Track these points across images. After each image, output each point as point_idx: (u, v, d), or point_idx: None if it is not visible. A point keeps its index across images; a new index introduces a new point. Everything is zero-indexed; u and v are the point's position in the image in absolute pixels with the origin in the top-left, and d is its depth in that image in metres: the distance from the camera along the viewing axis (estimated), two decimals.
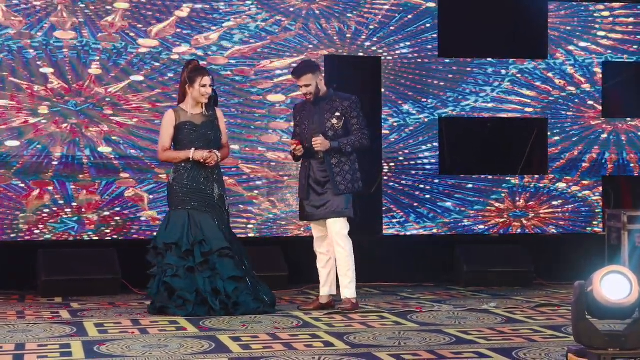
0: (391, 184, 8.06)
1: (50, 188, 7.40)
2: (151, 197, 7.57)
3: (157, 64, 7.56)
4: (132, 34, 7.52)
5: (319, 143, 6.11)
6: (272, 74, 7.78)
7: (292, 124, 7.63)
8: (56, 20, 7.39)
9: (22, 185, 7.36)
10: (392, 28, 8.00)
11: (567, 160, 8.37)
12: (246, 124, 7.76)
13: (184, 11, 7.62)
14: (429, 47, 8.08)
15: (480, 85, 8.20)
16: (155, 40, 7.55)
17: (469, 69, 8.19)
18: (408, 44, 8.04)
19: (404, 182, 8.09)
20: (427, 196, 8.13)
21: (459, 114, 8.17)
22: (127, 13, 7.51)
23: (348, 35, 7.92)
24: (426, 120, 8.10)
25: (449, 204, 8.16)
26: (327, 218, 6.16)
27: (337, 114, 6.17)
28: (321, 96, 6.21)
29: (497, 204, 8.25)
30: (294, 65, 7.02)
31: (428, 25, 8.08)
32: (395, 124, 8.05)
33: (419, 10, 8.06)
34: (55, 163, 7.40)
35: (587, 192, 8.38)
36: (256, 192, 7.77)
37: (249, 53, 7.74)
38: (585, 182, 8.39)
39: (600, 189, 8.39)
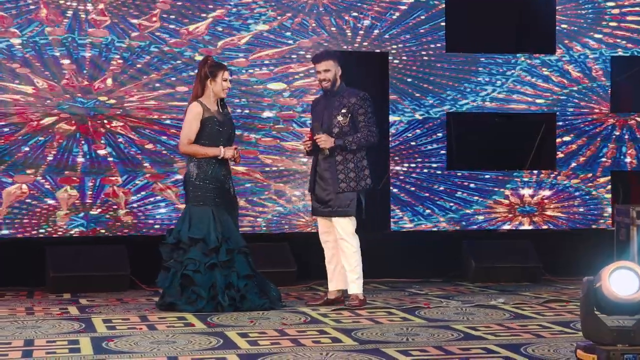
0: (399, 179, 8.05)
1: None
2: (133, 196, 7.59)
3: (176, 63, 7.56)
4: (163, 35, 7.52)
5: (323, 140, 6.10)
6: (283, 74, 7.78)
7: (301, 129, 7.65)
8: (91, 18, 7.39)
9: (38, 182, 7.37)
10: (399, 23, 7.99)
11: (576, 155, 8.35)
12: (254, 120, 7.76)
13: (217, 12, 7.62)
14: (437, 42, 8.07)
15: (488, 81, 8.18)
16: (185, 40, 7.56)
17: (476, 64, 8.17)
18: (414, 37, 8.02)
19: (411, 177, 8.08)
20: (435, 192, 8.12)
21: (467, 108, 8.15)
22: (164, 14, 7.52)
23: (347, 31, 7.91)
24: (434, 115, 8.09)
25: (456, 200, 8.15)
26: (330, 216, 6.16)
27: (343, 110, 6.14)
28: (335, 90, 6.20)
29: (505, 200, 8.24)
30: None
31: (435, 20, 8.06)
32: (403, 120, 8.04)
33: (426, 5, 8.04)
34: (80, 160, 7.41)
35: (595, 187, 8.36)
36: (264, 189, 7.78)
37: (260, 57, 7.74)
38: (594, 177, 8.36)
39: (609, 183, 8.37)
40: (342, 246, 6.15)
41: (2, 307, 6.19)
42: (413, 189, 8.08)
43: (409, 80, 8.05)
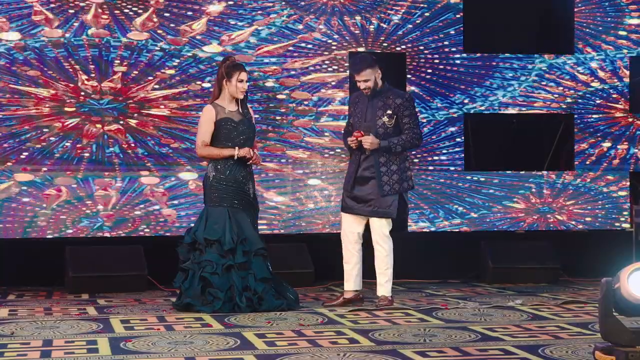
0: (417, 180, 8.04)
1: (74, 185, 7.45)
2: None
3: (179, 61, 7.59)
4: (161, 32, 7.56)
5: (369, 142, 6.08)
6: (297, 72, 7.79)
7: (315, 122, 7.63)
8: (87, 18, 7.43)
9: (47, 183, 7.41)
10: (416, 23, 7.98)
11: (594, 156, 8.31)
12: (271, 121, 7.77)
13: (214, 9, 7.64)
14: (454, 42, 8.05)
15: (506, 81, 8.16)
16: (185, 39, 7.59)
17: (494, 64, 8.15)
18: (433, 38, 8.01)
19: (429, 178, 8.06)
20: (453, 192, 8.10)
21: (485, 109, 8.13)
22: (160, 12, 7.55)
23: (364, 32, 7.91)
24: (451, 116, 8.08)
25: (474, 200, 8.13)
26: (369, 217, 6.15)
27: (389, 112, 6.12)
28: (377, 91, 6.18)
29: (523, 200, 8.21)
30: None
31: (453, 20, 8.05)
32: (421, 120, 8.02)
33: (444, 5, 8.03)
34: (82, 161, 7.46)
35: (614, 188, 8.32)
36: (280, 188, 7.79)
37: (274, 52, 7.75)
38: (612, 178, 8.32)
39: (628, 184, 8.33)
40: (375, 249, 6.16)
41: (21, 307, 6.24)
42: (431, 189, 8.06)
43: (427, 81, 8.03)
